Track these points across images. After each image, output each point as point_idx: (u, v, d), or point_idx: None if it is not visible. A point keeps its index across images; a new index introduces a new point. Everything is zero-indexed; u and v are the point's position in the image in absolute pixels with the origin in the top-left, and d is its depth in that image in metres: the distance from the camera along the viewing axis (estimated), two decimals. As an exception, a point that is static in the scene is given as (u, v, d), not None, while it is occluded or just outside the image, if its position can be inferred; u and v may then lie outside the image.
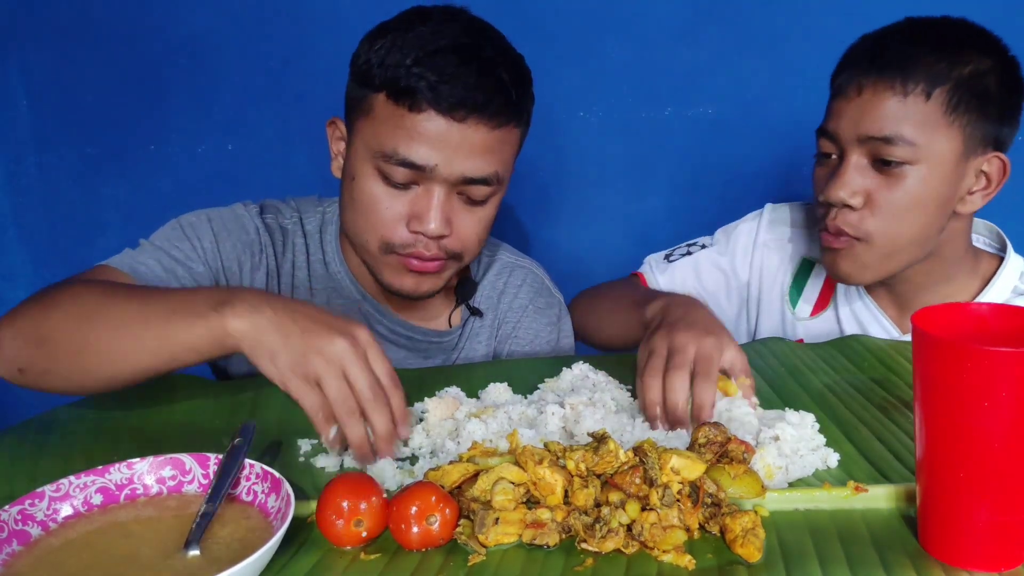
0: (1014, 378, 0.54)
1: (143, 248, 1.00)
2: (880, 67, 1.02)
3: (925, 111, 1.00)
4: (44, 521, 0.64)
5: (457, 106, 0.91)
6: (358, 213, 1.00)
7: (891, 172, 1.03)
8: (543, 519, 0.64)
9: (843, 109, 1.05)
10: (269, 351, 0.73)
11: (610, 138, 1.61)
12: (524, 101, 1.00)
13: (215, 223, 1.04)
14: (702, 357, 0.82)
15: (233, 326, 0.74)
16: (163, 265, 0.97)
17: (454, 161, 0.94)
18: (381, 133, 0.95)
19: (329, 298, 1.11)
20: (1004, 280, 1.13)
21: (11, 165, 1.75)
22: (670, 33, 1.55)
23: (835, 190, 1.05)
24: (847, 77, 1.05)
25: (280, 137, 1.67)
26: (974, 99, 1.00)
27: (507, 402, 0.89)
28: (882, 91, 1.01)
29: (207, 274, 1.01)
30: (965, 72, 1.00)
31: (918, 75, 1.00)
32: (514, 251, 1.26)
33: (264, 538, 0.61)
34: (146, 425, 0.88)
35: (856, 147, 1.04)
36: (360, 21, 1.02)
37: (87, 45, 1.66)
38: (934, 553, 0.61)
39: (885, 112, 1.01)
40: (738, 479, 0.67)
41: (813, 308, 1.24)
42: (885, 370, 0.96)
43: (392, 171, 0.95)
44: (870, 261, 1.08)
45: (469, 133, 0.93)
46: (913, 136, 1.00)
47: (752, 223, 1.29)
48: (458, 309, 1.17)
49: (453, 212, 0.98)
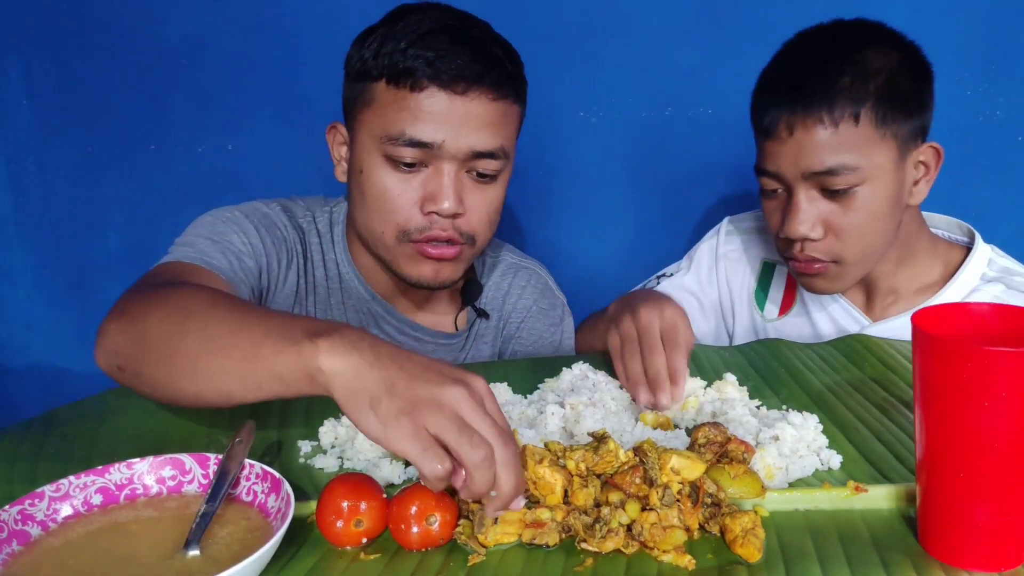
0: (1014, 378, 0.54)
1: (194, 244, 0.95)
2: (803, 102, 1.02)
3: (858, 134, 1.02)
4: (44, 521, 0.64)
5: (457, 79, 0.93)
6: (370, 206, 1.00)
7: (842, 197, 1.05)
8: (543, 519, 0.64)
9: (778, 151, 1.06)
10: (369, 399, 0.61)
11: (610, 138, 1.61)
12: (519, 78, 1.01)
13: (252, 218, 1.03)
14: (667, 329, 0.89)
15: (326, 363, 0.62)
16: (227, 258, 0.95)
17: (460, 135, 0.95)
18: (386, 118, 0.96)
19: (343, 298, 1.11)
20: (973, 266, 1.15)
21: (11, 165, 1.75)
22: (670, 33, 1.55)
23: (794, 227, 1.06)
24: (772, 118, 1.06)
25: (280, 137, 1.67)
26: (897, 104, 1.02)
27: (507, 402, 0.89)
28: (812, 127, 1.02)
29: (255, 269, 0.99)
30: (881, 82, 1.01)
31: (842, 101, 1.01)
32: (518, 252, 1.27)
33: (264, 538, 0.61)
34: (146, 425, 0.88)
35: (801, 183, 1.06)
36: (359, 21, 1.02)
37: (87, 45, 1.66)
38: (934, 553, 0.61)
39: (821, 146, 1.02)
40: (738, 479, 0.67)
41: (780, 308, 1.27)
42: (885, 370, 0.96)
43: (400, 153, 0.95)
44: (846, 274, 1.10)
45: (472, 106, 0.94)
46: (854, 161, 1.02)
47: (711, 240, 1.33)
48: (464, 311, 1.17)
49: (464, 190, 0.99)
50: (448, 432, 0.59)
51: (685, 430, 0.81)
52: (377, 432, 0.61)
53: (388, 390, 0.61)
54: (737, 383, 0.91)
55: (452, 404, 0.61)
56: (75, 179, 1.74)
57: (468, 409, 0.61)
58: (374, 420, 0.60)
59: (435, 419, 0.60)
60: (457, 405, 0.61)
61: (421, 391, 0.61)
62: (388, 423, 0.60)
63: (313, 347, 0.63)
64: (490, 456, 0.60)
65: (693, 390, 0.90)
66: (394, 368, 0.62)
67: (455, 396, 0.61)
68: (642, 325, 0.90)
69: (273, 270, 1.03)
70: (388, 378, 0.61)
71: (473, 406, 0.61)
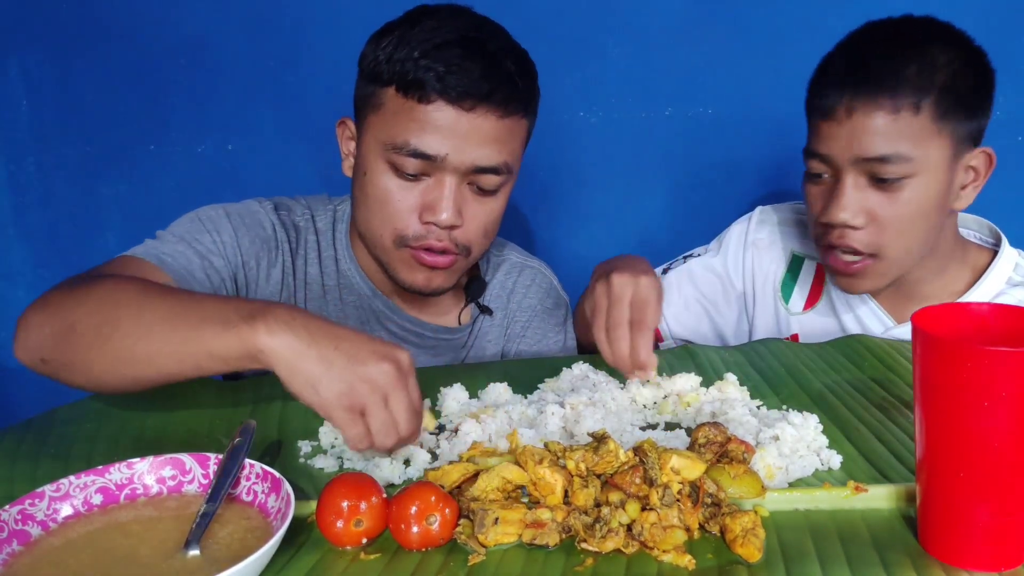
0: (1014, 378, 0.54)
1: (164, 239, 1.00)
2: (865, 86, 1.01)
3: (917, 125, 1.01)
4: (44, 521, 0.65)
5: (465, 95, 0.93)
6: (371, 208, 1.01)
7: (890, 188, 1.03)
8: (543, 519, 0.64)
9: (833, 132, 1.04)
10: (310, 380, 0.70)
11: (610, 138, 1.61)
12: (530, 92, 1.01)
13: (233, 218, 1.05)
14: (636, 303, 0.91)
15: (265, 342, 0.70)
16: (187, 256, 0.97)
17: (464, 150, 0.95)
18: (392, 126, 0.96)
19: (341, 295, 1.12)
20: (999, 271, 1.14)
21: (11, 165, 1.75)
22: (670, 33, 1.55)
23: (836, 212, 1.05)
24: (832, 99, 1.04)
25: (280, 137, 1.67)
26: (958, 102, 1.01)
27: (507, 402, 0.89)
28: (872, 111, 1.01)
29: (226, 268, 1.01)
30: (946, 77, 1.00)
31: (905, 89, 1.00)
32: (522, 252, 1.27)
33: (264, 538, 0.61)
34: (146, 425, 0.88)
35: (851, 168, 1.04)
36: (360, 21, 1.02)
37: (87, 45, 1.66)
38: (934, 553, 0.61)
39: (879, 132, 1.01)
40: (738, 479, 0.67)
41: (806, 302, 1.25)
42: (885, 370, 0.97)
43: (404, 162, 0.96)
44: (882, 272, 1.09)
45: (478, 122, 0.95)
46: (909, 151, 1.01)
47: (742, 225, 1.31)
48: (468, 307, 1.18)
49: (464, 202, 0.99)
50: (373, 414, 0.71)
51: (685, 430, 0.81)
52: (317, 406, 0.71)
53: (327, 370, 0.70)
54: (737, 383, 0.91)
55: (381, 382, 0.71)
56: (75, 179, 1.74)
57: (392, 387, 0.71)
58: (316, 397, 0.71)
59: (368, 398, 0.71)
60: (385, 383, 0.71)
61: (357, 370, 0.70)
62: (328, 401, 0.70)
63: (251, 329, 0.71)
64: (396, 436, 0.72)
65: (692, 388, 0.90)
66: (330, 348, 0.71)
67: (384, 373, 0.71)
68: (614, 295, 0.91)
69: (251, 268, 1.05)
70: (326, 358, 0.70)
71: (396, 383, 0.72)
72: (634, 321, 0.90)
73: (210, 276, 0.99)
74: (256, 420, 0.77)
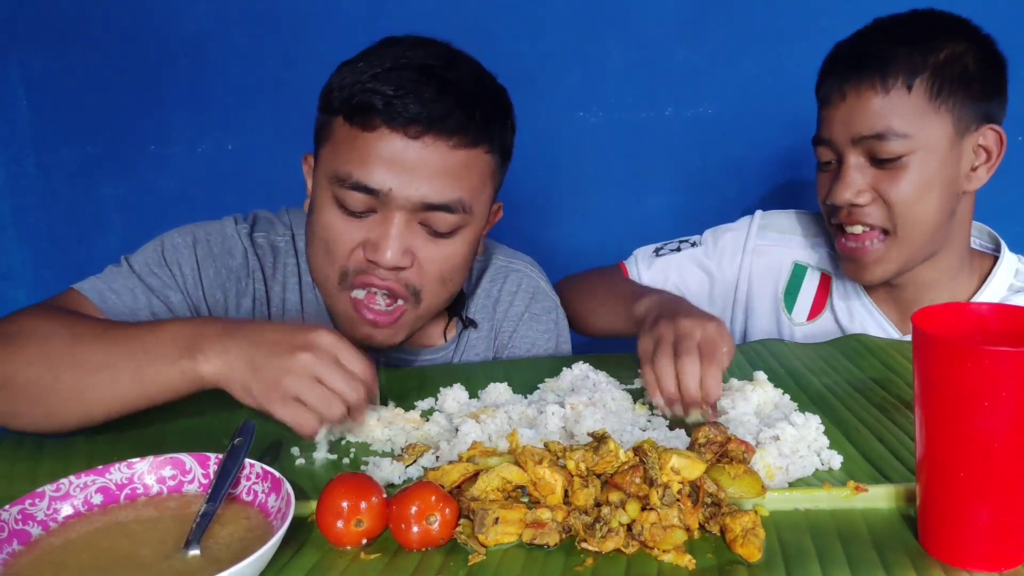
0: (1014, 378, 0.54)
1: (118, 272, 0.96)
2: (859, 69, 1.05)
3: (910, 102, 1.03)
4: (44, 521, 0.64)
5: (411, 122, 0.86)
6: (316, 247, 0.94)
7: (890, 167, 1.05)
8: (543, 519, 0.64)
9: (832, 116, 1.08)
10: (242, 385, 0.76)
11: (610, 138, 1.62)
12: (492, 125, 0.93)
13: (200, 247, 1.00)
14: (707, 341, 0.84)
15: (207, 370, 0.76)
16: (135, 295, 0.94)
17: (411, 184, 0.88)
18: (337, 157, 0.90)
19: (320, 321, 1.05)
20: (1000, 278, 1.14)
21: (11, 165, 1.75)
22: (670, 33, 1.55)
23: (839, 192, 1.08)
24: (829, 86, 1.09)
25: (280, 137, 1.67)
26: (956, 81, 1.03)
27: (507, 402, 0.89)
28: (865, 91, 1.05)
29: (184, 302, 0.97)
30: (941, 57, 1.03)
31: (896, 69, 1.03)
32: (507, 251, 1.21)
33: (264, 538, 0.61)
34: (146, 425, 0.88)
35: (851, 149, 1.07)
36: (360, 21, 1.02)
37: (87, 45, 1.66)
38: (934, 553, 0.61)
39: (871, 110, 1.04)
40: (738, 479, 0.67)
41: (810, 312, 1.25)
42: (885, 370, 0.97)
43: (347, 197, 0.89)
44: (893, 253, 1.09)
45: (426, 153, 0.87)
46: (903, 128, 1.03)
47: (741, 230, 1.30)
48: (452, 322, 1.12)
49: (415, 243, 0.91)
50: (306, 395, 0.75)
51: (685, 430, 0.81)
52: (256, 407, 0.76)
53: (253, 372, 0.75)
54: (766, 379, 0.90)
55: (305, 369, 0.74)
56: (75, 179, 1.74)
57: (320, 369, 0.75)
58: (252, 399, 0.76)
59: (294, 385, 0.74)
60: (309, 368, 0.75)
61: (281, 364, 0.75)
62: (261, 399, 0.75)
63: (191, 362, 0.76)
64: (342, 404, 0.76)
65: None
66: (252, 349, 0.76)
67: (304, 362, 0.75)
68: (682, 331, 0.85)
69: (217, 300, 1.00)
70: (250, 360, 0.75)
71: (324, 364, 0.75)
72: (704, 355, 0.82)
73: (157, 315, 0.94)
74: (256, 420, 0.77)
